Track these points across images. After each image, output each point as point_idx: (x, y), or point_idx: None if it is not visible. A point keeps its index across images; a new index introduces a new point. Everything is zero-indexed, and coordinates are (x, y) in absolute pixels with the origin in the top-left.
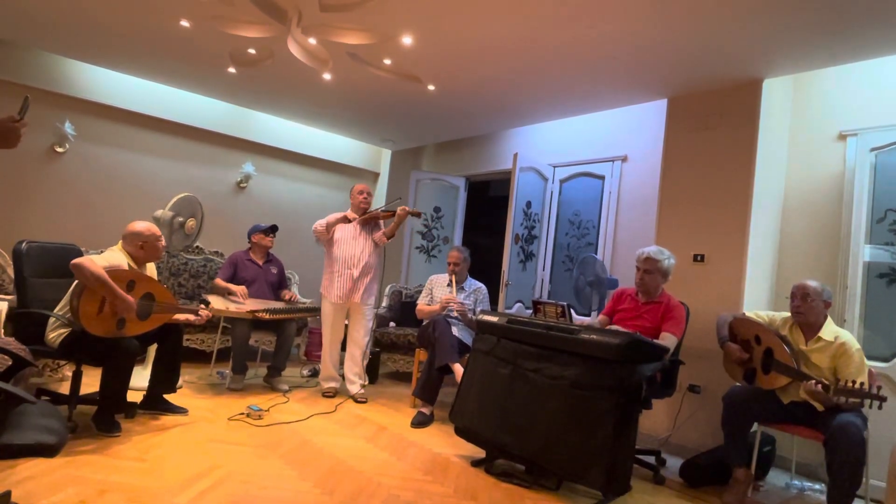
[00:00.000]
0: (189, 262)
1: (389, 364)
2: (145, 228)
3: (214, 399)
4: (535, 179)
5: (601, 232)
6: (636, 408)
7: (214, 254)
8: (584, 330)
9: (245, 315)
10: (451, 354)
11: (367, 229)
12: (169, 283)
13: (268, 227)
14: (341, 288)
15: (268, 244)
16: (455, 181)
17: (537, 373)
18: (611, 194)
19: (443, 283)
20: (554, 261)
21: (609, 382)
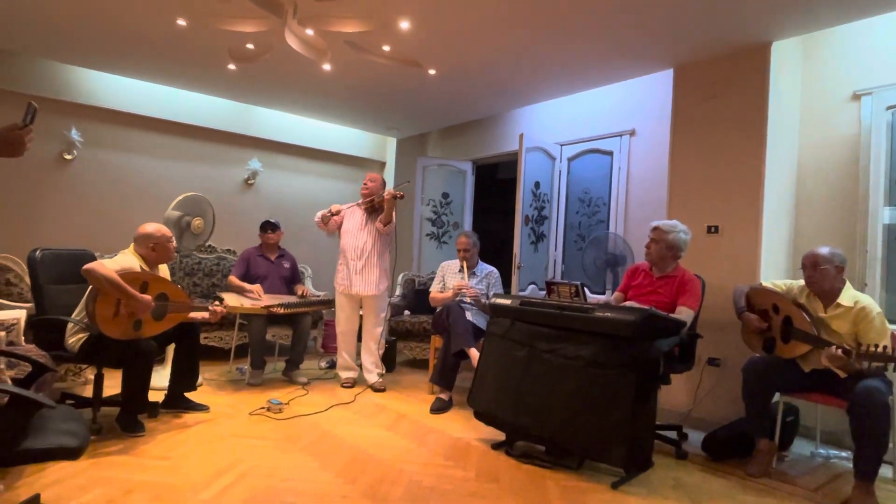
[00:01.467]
0: (202, 262)
1: (406, 352)
2: (155, 230)
3: (235, 395)
4: (542, 159)
5: (612, 209)
6: (654, 384)
7: (227, 251)
8: (597, 308)
9: (260, 311)
10: (466, 339)
11: (373, 219)
12: (184, 283)
13: (262, 224)
14: (348, 279)
15: (271, 240)
16: (462, 165)
17: (553, 353)
18: (620, 170)
19: (454, 270)
20: (566, 240)
21: (625, 360)
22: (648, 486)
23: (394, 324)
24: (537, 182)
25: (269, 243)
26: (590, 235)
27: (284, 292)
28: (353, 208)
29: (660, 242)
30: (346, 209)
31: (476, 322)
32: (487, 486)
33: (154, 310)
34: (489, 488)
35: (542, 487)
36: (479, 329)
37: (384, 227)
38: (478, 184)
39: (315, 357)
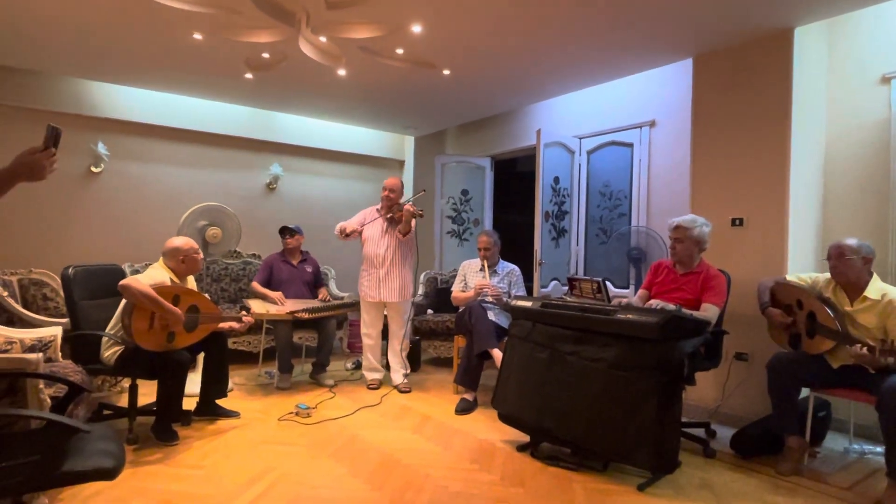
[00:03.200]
0: (229, 267)
1: (430, 351)
2: (184, 243)
3: (264, 399)
4: (560, 154)
5: (634, 202)
6: (679, 385)
7: (252, 256)
8: (620, 310)
9: (285, 317)
10: (489, 340)
11: (394, 226)
12: (211, 288)
13: (282, 229)
14: (370, 287)
15: (290, 245)
16: (480, 162)
17: (575, 356)
18: (640, 162)
19: (475, 269)
20: (587, 235)
21: (649, 362)
22: (675, 487)
23: (417, 323)
24: (556, 177)
25: (289, 248)
26: (612, 229)
27: (308, 296)
28: (373, 214)
29: (685, 241)
30: (367, 219)
31: (499, 322)
32: (513, 490)
33: (186, 322)
34: (515, 493)
35: (569, 490)
36: (501, 329)
37: (403, 236)
38: (497, 179)
39: (341, 357)
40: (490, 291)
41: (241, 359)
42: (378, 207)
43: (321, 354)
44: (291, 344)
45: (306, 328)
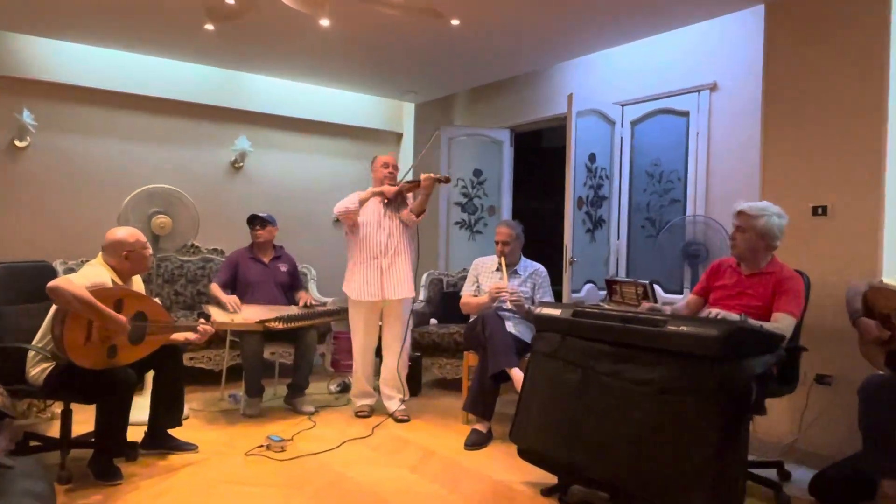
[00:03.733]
0: (184, 265)
1: (434, 370)
2: (129, 235)
3: (228, 429)
4: (598, 124)
5: (690, 185)
6: (745, 415)
7: (214, 252)
8: (671, 320)
9: (254, 327)
10: (506, 357)
11: (394, 208)
12: (163, 291)
13: (250, 218)
14: (369, 283)
15: (261, 238)
16: (497, 135)
17: (615, 377)
18: (699, 135)
19: (490, 268)
20: (630, 226)
21: (708, 385)
22: None
23: (418, 335)
24: (592, 154)
25: (259, 242)
26: (662, 219)
27: (283, 301)
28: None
29: (748, 231)
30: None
31: (519, 334)
32: None
33: (131, 332)
34: None
35: None
36: (523, 343)
37: (417, 217)
38: (518, 156)
39: (323, 377)
40: (509, 296)
41: (200, 379)
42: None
43: (299, 374)
44: (262, 361)
45: (280, 341)
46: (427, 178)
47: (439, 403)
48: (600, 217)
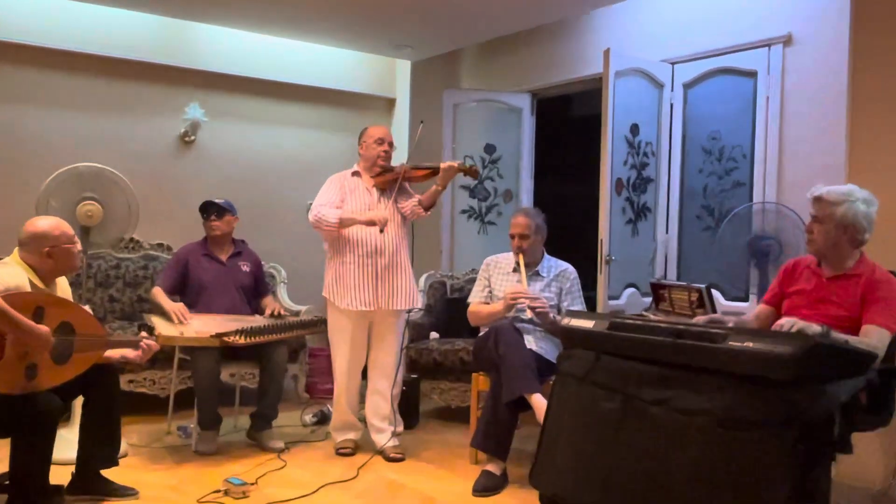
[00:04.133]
0: (122, 265)
1: (434, 396)
2: (52, 227)
3: (176, 470)
4: (642, 88)
5: (757, 163)
6: (826, 453)
7: (159, 247)
8: (734, 334)
9: (209, 342)
10: (526, 381)
11: (389, 195)
12: (95, 297)
13: (204, 205)
14: (361, 289)
15: (217, 231)
16: (515, 101)
17: (662, 406)
18: (769, 100)
19: (506, 269)
20: (682, 216)
21: (779, 416)
22: None
23: (415, 353)
24: (635, 125)
25: (215, 235)
26: (722, 206)
27: (245, 310)
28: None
29: (825, 221)
30: (346, 190)
31: (542, 352)
32: None
33: (55, 348)
34: None
35: None
36: (546, 363)
37: (426, 212)
38: (541, 128)
39: (295, 406)
40: (529, 304)
41: (142, 406)
42: (355, 171)
43: (265, 401)
44: (219, 385)
45: (242, 360)
46: (449, 167)
47: (441, 438)
48: (644, 204)
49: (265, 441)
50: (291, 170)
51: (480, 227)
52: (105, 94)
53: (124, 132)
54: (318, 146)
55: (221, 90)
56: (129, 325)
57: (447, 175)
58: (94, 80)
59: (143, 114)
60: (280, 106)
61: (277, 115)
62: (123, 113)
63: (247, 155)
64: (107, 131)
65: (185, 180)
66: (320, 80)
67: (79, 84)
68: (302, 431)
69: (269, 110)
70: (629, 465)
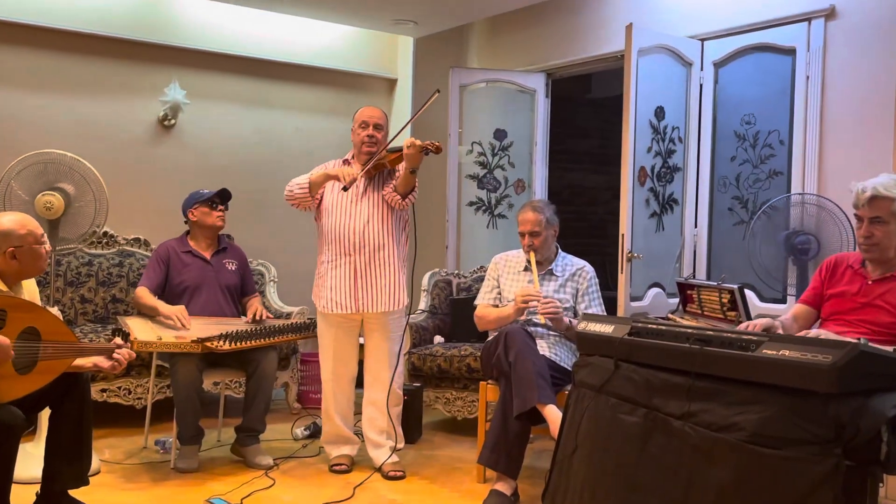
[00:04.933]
0: (95, 262)
1: (438, 407)
2: (17, 224)
3: (153, 490)
4: (668, 66)
5: (796, 150)
6: (872, 474)
7: (135, 243)
8: (768, 341)
9: (190, 348)
10: (538, 391)
11: (377, 184)
12: (64, 298)
13: (211, 195)
14: (337, 290)
15: (217, 223)
16: (528, 81)
17: (689, 420)
18: (809, 80)
19: (516, 268)
20: (713, 209)
21: (820, 432)
22: None
23: (417, 360)
24: (660, 108)
25: (215, 227)
26: (757, 197)
27: (231, 312)
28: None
29: (890, 222)
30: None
31: (556, 359)
32: None
33: (17, 356)
34: None
35: None
36: (561, 371)
37: (403, 199)
38: (556, 111)
39: (286, 418)
40: (542, 307)
41: (116, 418)
42: (346, 159)
43: (252, 413)
44: (200, 395)
45: (227, 367)
46: (411, 145)
47: (445, 454)
48: (671, 196)
49: (252, 457)
50: (282, 158)
51: (489, 221)
52: (75, 73)
53: (97, 115)
54: (312, 131)
55: (205, 69)
56: (102, 329)
57: (411, 156)
58: (63, 57)
59: (117, 95)
60: (270, 87)
61: (267, 98)
62: (96, 94)
63: (232, 141)
64: (77, 114)
65: (164, 168)
66: (314, 59)
67: (46, 62)
68: (293, 446)
69: (258, 92)
70: (651, 485)
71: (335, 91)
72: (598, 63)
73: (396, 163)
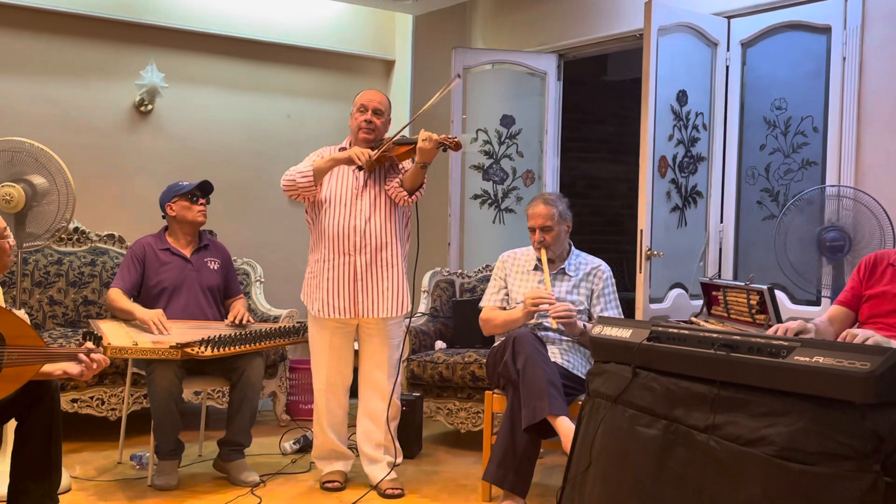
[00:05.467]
0: (65, 260)
1: (439, 419)
2: None
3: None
4: (691, 46)
5: (831, 137)
6: None
7: (108, 239)
8: (800, 346)
9: (168, 354)
10: (549, 401)
11: (379, 177)
12: (32, 301)
13: (191, 188)
14: (335, 293)
15: (197, 218)
16: (538, 62)
17: (712, 433)
18: (846, 61)
19: (526, 266)
20: (740, 202)
21: (855, 445)
22: None
23: (417, 367)
24: (682, 91)
25: (196, 222)
26: (788, 189)
27: (214, 315)
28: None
29: None
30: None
31: (568, 366)
32: None
33: None
34: None
35: None
36: (574, 379)
37: (410, 196)
38: (569, 96)
39: (274, 430)
40: (554, 309)
41: (88, 432)
42: (343, 147)
43: (236, 425)
44: (179, 405)
45: (209, 375)
46: (427, 139)
47: (448, 470)
48: (694, 188)
49: (236, 473)
50: (269, 147)
51: (496, 216)
52: (42, 54)
53: (66, 101)
54: (302, 118)
55: (184, 50)
56: (72, 334)
57: (426, 151)
58: (29, 37)
59: (89, 78)
60: (256, 70)
61: (253, 81)
62: (65, 77)
63: (215, 129)
64: (45, 100)
65: (140, 158)
66: (305, 39)
67: (9, 42)
68: (281, 461)
69: (243, 75)
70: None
71: (328, 74)
72: (615, 43)
73: (406, 157)
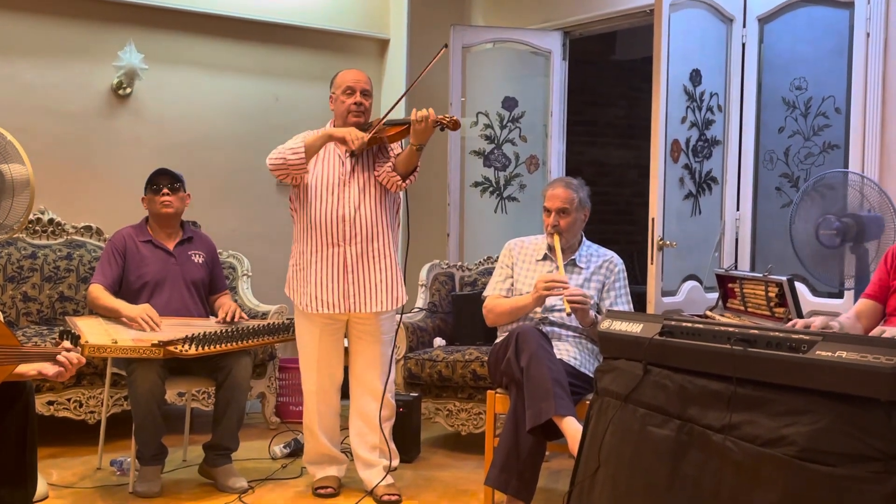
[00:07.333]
0: (39, 254)
1: (439, 420)
2: None
3: None
4: (705, 22)
5: (854, 119)
6: None
7: (86, 231)
8: (822, 341)
9: (150, 353)
10: (555, 400)
11: (368, 161)
12: (5, 297)
13: (153, 175)
14: (324, 287)
15: (161, 210)
16: (542, 41)
17: (729, 433)
18: (870, 38)
19: (534, 255)
20: (758, 188)
21: (880, 446)
22: None
23: (414, 365)
24: (696, 70)
25: (165, 213)
26: (809, 175)
27: (199, 311)
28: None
29: None
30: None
31: (576, 363)
32: None
33: None
34: None
35: None
36: (581, 377)
37: (403, 180)
38: (575, 76)
39: (264, 433)
40: (570, 292)
41: (65, 436)
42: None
43: (223, 428)
44: (162, 407)
45: (193, 375)
46: (422, 117)
47: (448, 475)
48: (709, 174)
49: (223, 479)
50: (257, 131)
51: (498, 204)
52: (12, 34)
53: (39, 83)
54: (292, 101)
55: (165, 29)
56: (48, 332)
57: (421, 130)
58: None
59: (63, 59)
60: (242, 49)
61: (239, 62)
62: (37, 59)
63: (199, 113)
64: (16, 82)
65: (118, 145)
66: (294, 17)
67: None
68: (270, 466)
69: (228, 55)
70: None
71: (318, 54)
72: (624, 19)
73: (398, 138)
